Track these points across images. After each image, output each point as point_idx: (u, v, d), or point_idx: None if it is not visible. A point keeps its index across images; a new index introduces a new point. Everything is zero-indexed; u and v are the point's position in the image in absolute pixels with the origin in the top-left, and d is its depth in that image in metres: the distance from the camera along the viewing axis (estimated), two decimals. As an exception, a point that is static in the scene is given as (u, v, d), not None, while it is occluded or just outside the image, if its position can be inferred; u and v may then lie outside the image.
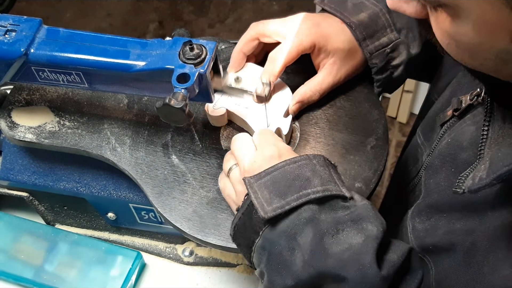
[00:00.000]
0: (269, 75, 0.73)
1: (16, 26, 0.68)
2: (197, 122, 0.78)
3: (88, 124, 0.78)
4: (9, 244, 0.87)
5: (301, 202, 0.57)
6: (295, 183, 0.58)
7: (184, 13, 2.59)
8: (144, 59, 0.65)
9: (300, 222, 0.57)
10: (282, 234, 0.57)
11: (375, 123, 0.77)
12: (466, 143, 0.62)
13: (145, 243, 0.91)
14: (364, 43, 0.75)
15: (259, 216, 0.57)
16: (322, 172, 0.59)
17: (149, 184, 0.72)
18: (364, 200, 0.59)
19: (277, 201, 0.57)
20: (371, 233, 0.55)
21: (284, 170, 0.59)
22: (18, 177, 0.83)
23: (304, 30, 0.74)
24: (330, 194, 0.58)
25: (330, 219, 0.57)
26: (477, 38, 0.45)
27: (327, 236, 0.56)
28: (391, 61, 0.78)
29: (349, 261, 0.54)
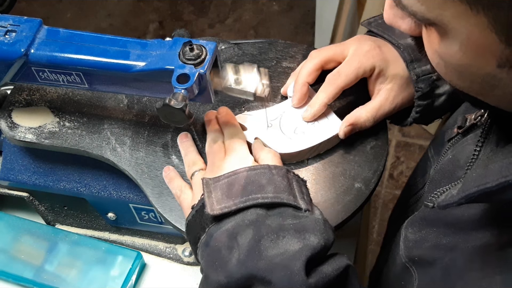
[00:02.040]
0: (325, 97, 0.72)
1: (16, 26, 0.68)
2: (197, 123, 0.78)
3: (88, 125, 0.78)
4: (9, 244, 0.87)
5: (248, 205, 0.58)
6: (247, 188, 0.60)
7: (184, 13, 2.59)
8: (144, 60, 0.65)
9: (243, 223, 0.58)
10: (224, 232, 0.58)
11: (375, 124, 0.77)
12: (462, 162, 0.62)
13: (145, 243, 0.91)
14: (411, 65, 0.73)
15: (207, 212, 0.59)
16: (278, 182, 0.60)
17: (149, 184, 0.72)
18: (320, 215, 0.59)
19: (226, 201, 0.59)
20: (311, 243, 0.56)
21: (241, 176, 0.61)
22: (18, 177, 0.83)
23: (365, 52, 0.72)
24: (279, 201, 0.58)
25: (275, 224, 0.57)
26: (464, 60, 0.45)
27: (265, 239, 0.56)
28: (436, 89, 0.75)
29: (278, 265, 0.54)
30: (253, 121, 0.75)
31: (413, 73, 0.73)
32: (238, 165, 0.64)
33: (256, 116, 0.76)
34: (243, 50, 0.86)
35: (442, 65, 0.48)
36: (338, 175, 0.72)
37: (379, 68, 0.72)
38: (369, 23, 0.78)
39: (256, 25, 2.52)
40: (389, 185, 2.02)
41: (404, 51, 0.73)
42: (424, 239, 0.63)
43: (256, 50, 0.86)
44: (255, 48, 0.87)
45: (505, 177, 0.44)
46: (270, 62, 0.84)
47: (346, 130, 0.73)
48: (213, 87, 0.68)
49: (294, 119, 0.74)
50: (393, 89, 0.74)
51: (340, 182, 0.72)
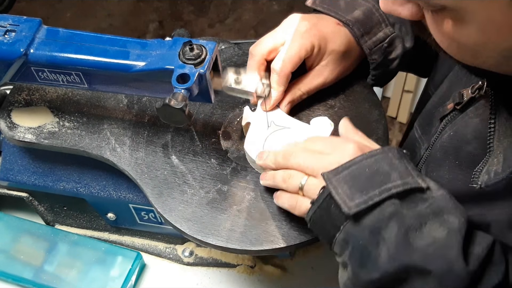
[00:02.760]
0: (279, 87, 0.73)
1: (15, 26, 0.68)
2: (197, 123, 0.78)
3: (87, 125, 0.78)
4: (9, 245, 0.87)
5: (384, 197, 0.57)
6: (375, 178, 0.58)
7: (184, 13, 2.59)
8: (144, 60, 0.65)
9: (384, 217, 0.57)
10: (366, 229, 0.57)
11: (375, 123, 0.77)
12: (470, 136, 0.62)
13: (145, 243, 0.91)
14: (362, 39, 0.75)
15: (342, 211, 0.57)
16: (399, 166, 0.59)
17: (149, 185, 0.72)
18: (440, 189, 0.59)
19: (358, 196, 0.57)
20: (454, 225, 0.55)
21: (362, 165, 0.59)
22: (17, 178, 0.83)
23: (302, 32, 0.73)
24: (409, 187, 0.57)
25: (412, 213, 0.57)
26: (482, 39, 0.45)
27: (411, 230, 0.56)
28: (388, 55, 0.78)
29: (434, 255, 0.54)
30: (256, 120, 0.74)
31: (365, 47, 0.76)
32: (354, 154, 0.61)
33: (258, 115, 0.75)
34: (243, 50, 0.86)
35: (455, 46, 0.48)
36: None
37: (318, 46, 0.74)
38: (314, 1, 0.80)
39: (256, 25, 2.52)
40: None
41: (353, 27, 0.75)
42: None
43: (256, 50, 0.86)
44: (255, 48, 0.86)
45: None
46: (270, 62, 0.84)
47: (287, 108, 0.76)
48: (213, 87, 0.68)
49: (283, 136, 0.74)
50: (328, 65, 0.76)
51: (340, 182, 0.71)
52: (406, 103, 2.11)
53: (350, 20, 0.75)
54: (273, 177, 0.67)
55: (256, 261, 0.88)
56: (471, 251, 0.55)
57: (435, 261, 0.54)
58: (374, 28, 0.76)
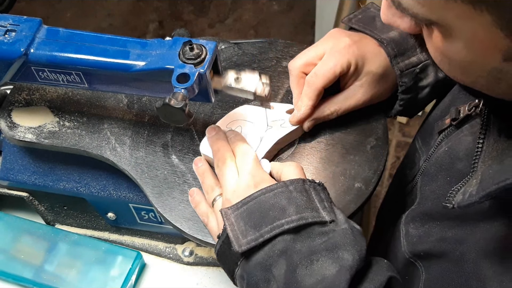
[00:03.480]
0: (310, 100, 0.72)
1: (16, 26, 0.68)
2: (197, 122, 0.78)
3: (88, 124, 0.78)
4: (9, 244, 0.87)
5: (275, 234, 0.57)
6: (269, 214, 0.58)
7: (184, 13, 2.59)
8: (144, 59, 0.65)
9: (274, 254, 0.56)
10: (257, 266, 0.57)
11: (375, 123, 0.77)
12: (462, 154, 0.61)
13: (145, 243, 0.91)
14: (395, 60, 0.72)
15: (234, 249, 0.57)
16: (298, 199, 0.59)
17: (149, 184, 0.72)
18: (346, 223, 0.58)
19: (251, 233, 0.57)
20: (346, 263, 0.54)
21: (259, 200, 0.59)
22: (18, 177, 0.83)
23: (341, 48, 0.71)
24: (304, 223, 0.57)
25: (305, 248, 0.56)
26: (469, 57, 0.45)
27: (300, 268, 0.55)
28: (419, 82, 0.75)
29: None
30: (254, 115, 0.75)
31: (396, 68, 0.73)
32: (253, 187, 0.62)
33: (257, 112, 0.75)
34: (243, 50, 0.86)
35: (446, 62, 0.48)
36: (338, 175, 0.72)
37: (355, 65, 0.72)
38: (349, 19, 0.78)
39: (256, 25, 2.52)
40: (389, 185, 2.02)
41: (387, 46, 0.72)
42: (428, 234, 0.63)
43: (256, 50, 0.86)
44: (255, 48, 0.86)
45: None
46: (270, 61, 0.84)
47: (310, 124, 0.74)
48: (213, 87, 0.68)
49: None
50: (362, 86, 0.73)
51: (340, 182, 0.72)
52: (406, 103, 2.11)
53: (385, 39, 0.73)
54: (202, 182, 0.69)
55: (256, 261, 0.88)
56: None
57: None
58: (408, 51, 0.73)
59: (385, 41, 0.73)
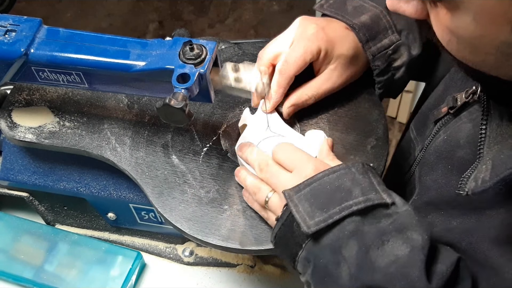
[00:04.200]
0: (280, 88, 0.72)
1: (16, 26, 0.68)
2: (197, 122, 0.78)
3: (88, 124, 0.78)
4: (9, 244, 0.87)
5: (344, 215, 0.56)
6: (336, 195, 0.57)
7: (184, 13, 2.59)
8: (144, 59, 0.65)
9: (344, 235, 0.56)
10: (326, 247, 0.56)
11: (375, 123, 0.77)
12: (462, 141, 0.62)
13: (145, 243, 0.91)
14: (367, 45, 0.74)
15: (301, 230, 0.56)
16: (362, 181, 0.58)
17: (149, 184, 0.72)
18: (405, 205, 0.58)
19: (319, 214, 0.56)
20: (417, 243, 0.54)
21: (324, 181, 0.58)
22: (18, 177, 0.83)
23: (309, 35, 0.72)
24: (371, 204, 0.56)
25: (374, 230, 0.56)
26: (478, 31, 0.45)
27: (372, 249, 0.55)
28: (393, 62, 0.77)
29: (396, 274, 0.53)
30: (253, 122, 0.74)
31: (369, 52, 0.74)
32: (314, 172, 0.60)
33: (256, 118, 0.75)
34: (243, 50, 0.86)
35: (454, 41, 0.48)
36: None
37: (324, 50, 0.72)
38: (321, 5, 0.79)
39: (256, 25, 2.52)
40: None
41: (359, 31, 0.74)
42: (432, 224, 0.63)
43: (256, 49, 0.86)
44: (255, 47, 0.87)
45: None
46: (270, 61, 0.84)
47: (289, 110, 0.74)
48: (213, 86, 0.68)
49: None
50: (336, 69, 0.74)
51: (340, 182, 0.71)
52: (406, 103, 2.12)
53: (356, 24, 0.74)
54: (245, 186, 0.68)
55: (256, 261, 0.88)
56: (435, 270, 0.54)
57: (397, 281, 0.53)
58: (380, 34, 0.75)
59: (356, 26, 0.74)
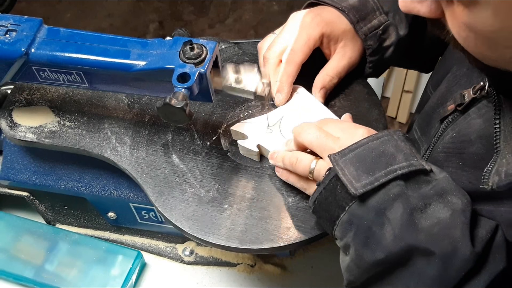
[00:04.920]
0: (289, 77, 0.74)
1: (16, 26, 0.68)
2: (198, 122, 0.78)
3: (88, 124, 0.78)
4: (10, 244, 0.87)
5: (390, 178, 0.57)
6: (380, 159, 0.59)
7: (184, 13, 2.59)
8: (145, 59, 0.66)
9: (389, 198, 0.57)
10: (371, 209, 0.58)
11: (375, 123, 0.77)
12: (473, 137, 0.62)
13: (145, 242, 0.91)
14: (358, 25, 0.77)
15: (348, 192, 0.58)
16: (404, 148, 0.60)
17: (149, 184, 0.72)
18: (443, 172, 0.60)
19: (365, 177, 0.58)
20: (457, 206, 0.56)
21: (368, 147, 0.60)
22: (18, 177, 0.83)
23: (308, 23, 0.75)
24: (414, 169, 0.58)
25: (416, 194, 0.57)
26: (497, 24, 0.45)
27: (416, 211, 0.56)
28: (383, 42, 0.79)
29: (439, 235, 0.55)
30: (252, 128, 0.75)
31: (361, 32, 0.77)
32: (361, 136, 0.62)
33: (255, 122, 0.76)
34: (243, 50, 0.86)
35: (472, 37, 0.48)
36: None
37: (326, 33, 0.76)
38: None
39: (256, 25, 2.52)
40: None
41: (349, 13, 0.76)
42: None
43: (256, 49, 0.86)
44: (255, 47, 0.86)
45: None
46: (270, 61, 0.84)
47: (321, 94, 0.77)
48: (213, 86, 0.68)
49: (292, 121, 0.74)
50: (346, 45, 0.78)
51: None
52: (406, 103, 2.12)
53: (345, 7, 0.77)
54: (282, 159, 0.68)
55: (256, 260, 0.88)
56: (476, 234, 0.56)
57: (440, 241, 0.55)
58: (369, 15, 0.78)
59: (345, 9, 0.77)
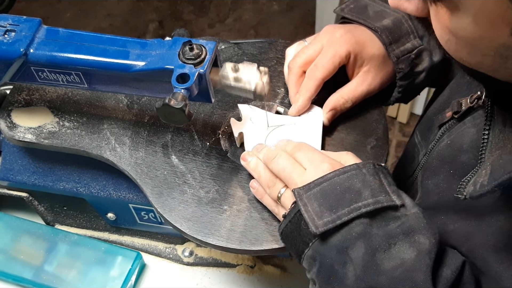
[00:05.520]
0: (308, 92, 0.72)
1: (15, 26, 0.68)
2: (197, 123, 0.78)
3: (87, 125, 0.78)
4: (9, 245, 0.87)
5: (353, 217, 0.56)
6: (345, 196, 0.57)
7: (184, 13, 2.59)
8: (144, 59, 0.65)
9: (351, 237, 0.56)
10: (333, 248, 0.56)
11: (375, 123, 0.77)
12: (466, 146, 0.62)
13: (145, 243, 0.91)
14: (390, 47, 0.73)
15: (309, 229, 0.57)
16: (372, 182, 0.58)
17: (149, 185, 0.72)
18: (415, 208, 0.58)
19: (327, 214, 0.56)
20: (423, 247, 0.54)
21: (334, 182, 0.58)
22: (17, 177, 0.83)
23: (337, 39, 0.72)
24: (380, 206, 0.56)
25: (381, 232, 0.56)
26: (477, 32, 0.45)
27: (379, 251, 0.55)
28: (415, 67, 0.76)
29: (401, 278, 0.53)
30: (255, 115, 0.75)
31: (392, 55, 0.74)
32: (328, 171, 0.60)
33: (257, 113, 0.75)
34: (243, 50, 0.86)
35: (453, 41, 0.48)
36: None
37: (354, 52, 0.72)
38: (342, 9, 0.78)
39: (256, 25, 2.52)
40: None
41: (382, 34, 0.73)
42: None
43: (256, 50, 0.86)
44: (255, 48, 0.86)
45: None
46: (270, 62, 0.84)
47: (329, 115, 0.74)
48: (213, 86, 0.68)
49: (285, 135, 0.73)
50: (370, 71, 0.74)
51: (340, 182, 0.71)
52: (406, 103, 2.11)
53: (378, 27, 0.73)
54: (258, 177, 0.67)
55: (256, 261, 0.88)
56: (440, 274, 0.54)
57: (402, 284, 0.53)
58: (402, 38, 0.74)
59: (378, 29, 0.73)
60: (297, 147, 0.66)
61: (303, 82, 0.73)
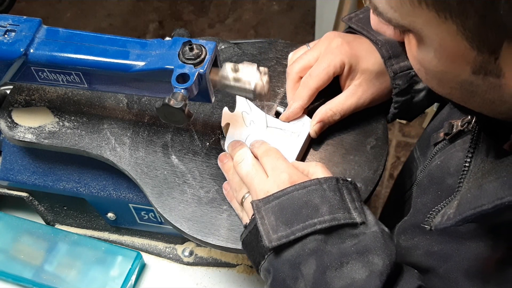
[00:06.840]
0: (301, 100, 0.72)
1: (15, 26, 0.68)
2: (197, 122, 0.78)
3: (87, 124, 0.78)
4: (9, 244, 0.87)
5: (307, 233, 0.56)
6: (302, 211, 0.57)
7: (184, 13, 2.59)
8: (144, 59, 0.65)
9: (304, 253, 0.56)
10: (286, 262, 0.56)
11: (375, 123, 0.77)
12: (452, 169, 0.61)
13: (145, 243, 0.91)
14: (389, 61, 0.72)
15: (264, 244, 0.57)
16: (331, 198, 0.58)
17: (148, 184, 0.72)
18: (375, 226, 0.57)
19: (283, 229, 0.56)
20: (376, 268, 0.53)
21: (292, 196, 0.58)
22: (18, 177, 0.83)
23: (333, 48, 0.72)
24: (336, 224, 0.56)
25: (335, 250, 0.55)
26: (440, 67, 0.45)
27: (330, 270, 0.54)
28: (414, 85, 0.74)
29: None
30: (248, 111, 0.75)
31: (390, 70, 0.72)
32: (288, 183, 0.60)
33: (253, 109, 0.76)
34: (243, 50, 0.86)
35: (423, 71, 0.48)
36: (338, 175, 0.72)
37: (348, 64, 0.72)
38: (350, 18, 0.78)
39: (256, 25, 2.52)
40: (389, 185, 2.02)
41: (382, 47, 0.72)
42: (416, 247, 0.63)
43: (256, 50, 0.86)
44: (255, 48, 0.86)
45: (500, 199, 0.44)
46: (270, 62, 0.84)
47: (316, 128, 0.73)
48: (213, 86, 0.68)
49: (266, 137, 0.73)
50: (361, 85, 0.73)
51: (340, 182, 0.71)
52: (406, 103, 2.11)
53: (380, 41, 0.72)
54: (229, 180, 0.68)
55: (256, 261, 0.88)
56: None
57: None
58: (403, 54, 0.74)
59: (379, 42, 0.73)
60: (266, 152, 0.66)
61: (297, 90, 0.73)
